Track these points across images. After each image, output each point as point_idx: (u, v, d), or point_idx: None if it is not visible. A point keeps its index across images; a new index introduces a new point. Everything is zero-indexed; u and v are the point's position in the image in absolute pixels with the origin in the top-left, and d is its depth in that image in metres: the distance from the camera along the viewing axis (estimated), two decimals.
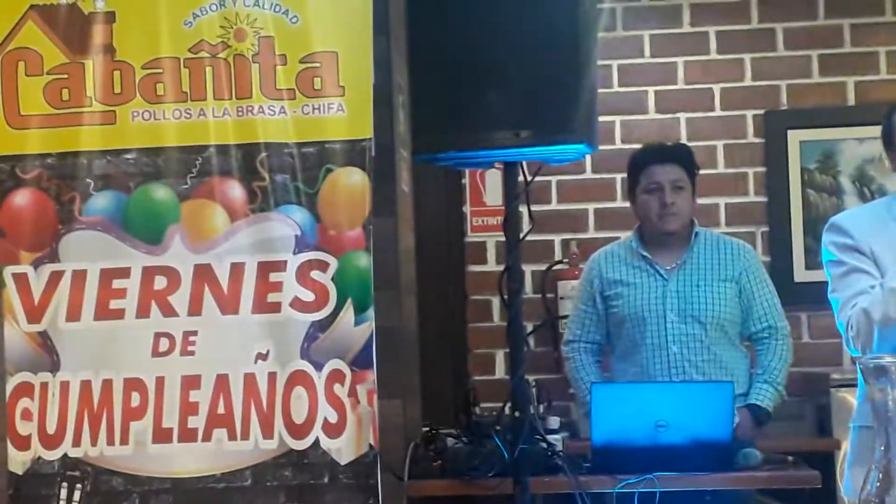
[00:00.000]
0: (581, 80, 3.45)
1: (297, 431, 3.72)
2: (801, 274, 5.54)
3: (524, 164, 3.66)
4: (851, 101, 5.61)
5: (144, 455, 3.76)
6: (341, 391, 3.72)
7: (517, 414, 3.59)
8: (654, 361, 4.42)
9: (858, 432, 3.38)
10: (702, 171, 5.52)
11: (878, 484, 1.88)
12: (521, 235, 3.65)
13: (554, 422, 4.60)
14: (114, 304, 3.80)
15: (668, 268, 4.50)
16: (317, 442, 3.72)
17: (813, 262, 5.52)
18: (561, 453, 3.86)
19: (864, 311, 3.19)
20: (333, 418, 3.72)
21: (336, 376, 3.73)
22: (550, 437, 3.91)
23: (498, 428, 3.76)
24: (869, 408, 3.23)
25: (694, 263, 4.50)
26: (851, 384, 4.95)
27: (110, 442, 3.77)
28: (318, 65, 3.77)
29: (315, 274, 3.75)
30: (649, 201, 4.49)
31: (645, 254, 4.52)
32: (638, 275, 4.51)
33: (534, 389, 4.41)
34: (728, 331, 4.48)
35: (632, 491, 3.76)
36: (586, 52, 3.46)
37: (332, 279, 3.75)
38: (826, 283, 5.25)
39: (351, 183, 3.77)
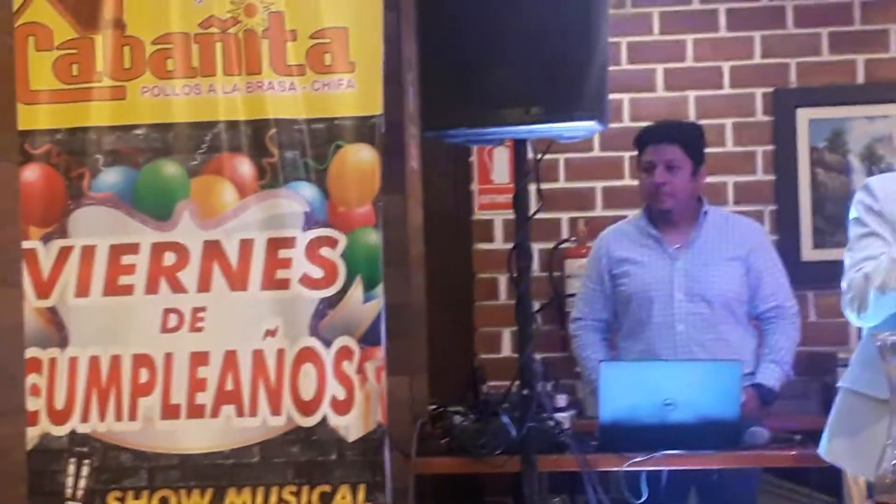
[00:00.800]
0: (592, 57, 3.44)
1: (306, 408, 3.73)
2: (808, 253, 5.53)
3: (533, 141, 3.65)
4: (861, 79, 5.58)
5: (152, 431, 3.77)
6: (350, 368, 3.73)
7: (525, 392, 3.59)
8: (661, 340, 4.42)
9: (845, 395, 3.40)
10: (710, 150, 5.52)
11: (895, 460, 1.89)
12: (531, 213, 3.64)
13: (561, 400, 4.59)
14: (123, 279, 3.80)
15: (676, 246, 4.50)
16: (325, 419, 3.73)
17: (821, 241, 5.52)
18: (568, 431, 3.87)
19: (866, 276, 3.21)
20: (342, 395, 3.72)
21: (344, 353, 3.73)
22: (558, 415, 3.92)
23: (505, 405, 3.76)
24: (864, 374, 3.26)
25: (702, 242, 4.49)
26: None
27: (118, 418, 3.78)
28: (328, 41, 3.77)
29: (324, 251, 3.75)
30: (645, 180, 4.51)
31: (653, 232, 4.52)
32: (646, 253, 4.51)
33: (541, 367, 4.42)
34: (735, 310, 4.48)
35: (639, 469, 3.77)
36: (597, 28, 3.45)
37: (342, 256, 3.75)
38: (833, 262, 5.28)
39: (360, 159, 3.77)
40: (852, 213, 3.40)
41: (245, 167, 3.80)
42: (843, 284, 3.33)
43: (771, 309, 4.51)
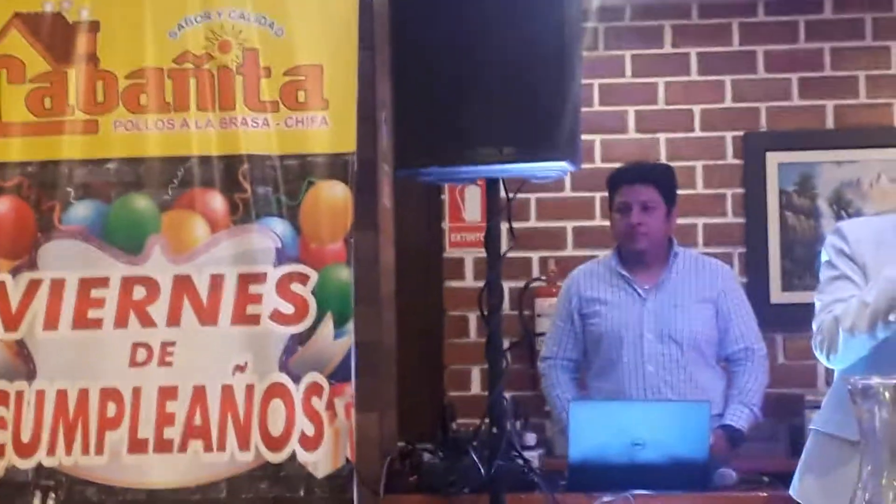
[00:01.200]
0: (565, 97, 3.46)
1: (274, 444, 3.71)
2: (777, 296, 5.56)
3: (505, 180, 3.66)
4: (830, 124, 5.64)
5: (119, 465, 3.75)
6: (319, 404, 3.72)
7: (494, 430, 3.59)
8: (631, 380, 4.43)
9: (816, 436, 3.42)
10: (680, 192, 5.55)
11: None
12: (502, 252, 3.65)
13: (530, 438, 4.60)
14: (92, 313, 3.78)
15: (647, 287, 4.51)
16: (293, 455, 3.71)
17: (790, 283, 5.56)
18: (538, 470, 3.86)
19: (835, 318, 3.23)
20: (310, 431, 3.71)
21: (314, 389, 3.73)
22: (527, 454, 3.91)
23: (475, 443, 3.75)
24: (834, 416, 3.28)
25: (672, 283, 4.51)
26: None
27: (85, 451, 3.76)
28: (302, 78, 3.78)
29: (295, 286, 3.75)
30: (619, 220, 4.52)
31: (623, 272, 4.54)
32: (616, 293, 4.53)
33: (511, 406, 4.42)
34: (704, 351, 4.50)
35: None
36: (570, 70, 3.47)
37: (313, 292, 3.75)
38: (801, 305, 5.31)
39: (333, 196, 3.77)
40: (823, 257, 3.42)
41: (217, 202, 3.80)
42: (814, 327, 3.35)
43: (740, 351, 4.53)
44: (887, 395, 1.91)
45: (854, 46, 5.64)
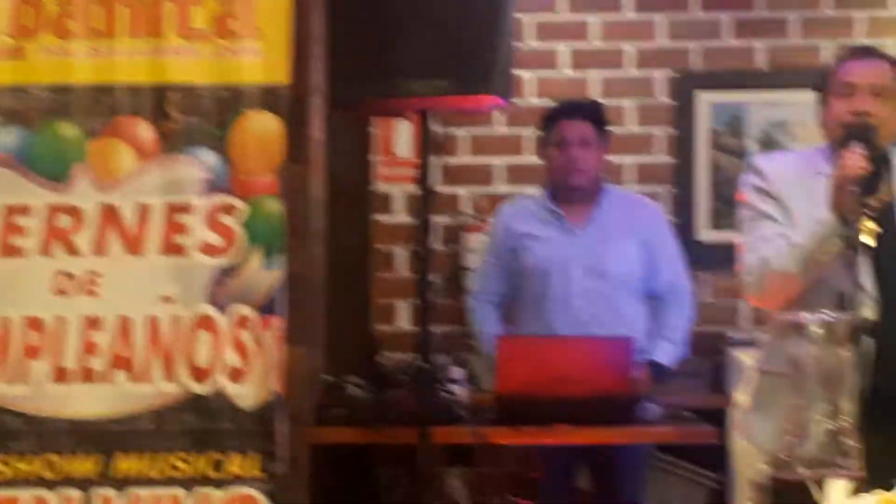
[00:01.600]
0: (498, 32, 3.45)
1: (200, 376, 3.70)
2: (704, 234, 5.60)
3: (437, 114, 3.65)
4: (762, 64, 5.65)
5: (43, 395, 3.72)
6: (247, 337, 3.71)
7: (422, 364, 3.60)
8: (558, 315, 4.45)
9: (762, 377, 3.42)
10: (610, 129, 5.58)
11: (791, 437, 1.92)
12: (434, 187, 3.64)
13: (458, 373, 4.61)
14: (15, 241, 3.74)
15: (577, 223, 4.53)
16: (220, 387, 3.70)
17: (717, 222, 5.59)
18: (464, 404, 3.88)
19: (763, 259, 3.23)
20: (238, 364, 3.70)
21: (242, 321, 3.71)
22: (454, 388, 3.93)
23: (403, 377, 3.76)
24: (777, 354, 3.29)
25: (602, 220, 4.53)
26: (747, 343, 5.05)
27: (7, 381, 3.72)
28: (234, 6, 3.72)
29: (224, 218, 3.72)
30: (557, 156, 4.52)
31: (554, 208, 4.55)
32: (546, 229, 4.54)
33: (439, 340, 4.43)
34: (632, 287, 4.52)
35: (534, 443, 3.80)
36: (503, 4, 3.46)
37: (242, 224, 3.73)
38: (728, 244, 5.35)
39: (264, 128, 3.74)
40: (741, 196, 3.42)
41: (145, 131, 3.75)
42: (741, 267, 3.36)
43: (667, 287, 4.57)
44: (817, 330, 1.94)
45: None
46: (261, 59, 3.74)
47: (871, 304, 3.16)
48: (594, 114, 4.59)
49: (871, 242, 3.23)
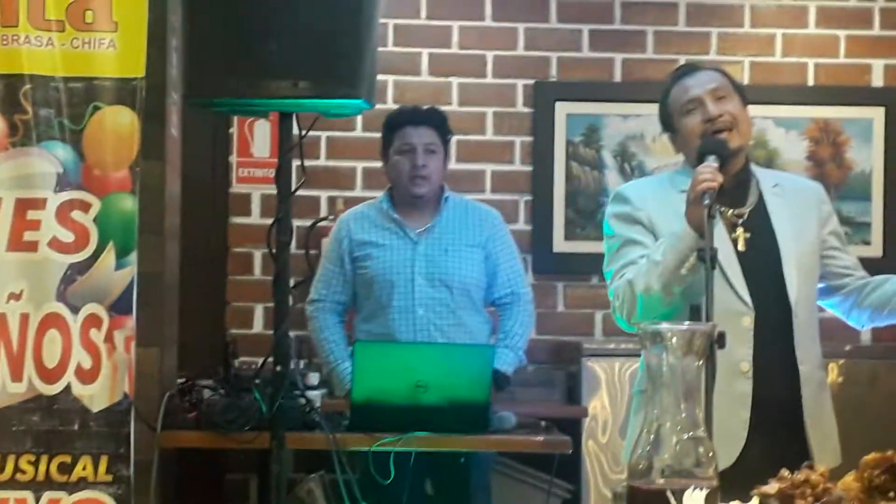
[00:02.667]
0: (362, 35, 3.41)
1: (48, 376, 3.61)
2: (560, 244, 5.64)
3: (298, 115, 3.60)
4: (618, 77, 5.73)
5: None
6: (97, 336, 3.62)
7: (278, 368, 3.55)
8: (401, 323, 4.44)
9: (639, 397, 3.44)
10: (470, 137, 5.60)
11: (649, 446, 1.93)
12: (293, 188, 3.59)
13: (314, 378, 4.57)
14: None
15: (418, 231, 4.53)
16: (68, 387, 3.62)
17: (572, 233, 5.65)
18: (319, 409, 3.84)
19: (629, 281, 3.24)
20: (87, 364, 3.61)
21: (93, 321, 3.63)
22: (310, 394, 3.88)
23: (257, 382, 3.71)
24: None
25: (443, 228, 4.54)
26: (602, 354, 5.12)
27: None
28: None
29: (76, 214, 3.64)
30: (402, 162, 4.52)
31: (395, 216, 4.54)
32: (388, 237, 4.53)
33: (295, 345, 4.38)
34: (473, 296, 4.54)
35: (388, 450, 3.77)
36: (369, 6, 3.43)
37: (94, 220, 3.64)
38: (582, 254, 5.43)
39: (119, 122, 3.66)
40: (605, 230, 3.43)
41: None
42: (610, 294, 3.36)
43: (507, 295, 4.59)
44: (675, 340, 1.95)
45: (643, 1, 5.74)
46: (117, 52, 3.66)
47: (746, 310, 3.21)
48: (438, 121, 4.60)
49: (742, 248, 3.30)
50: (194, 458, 4.49)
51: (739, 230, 3.32)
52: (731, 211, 3.30)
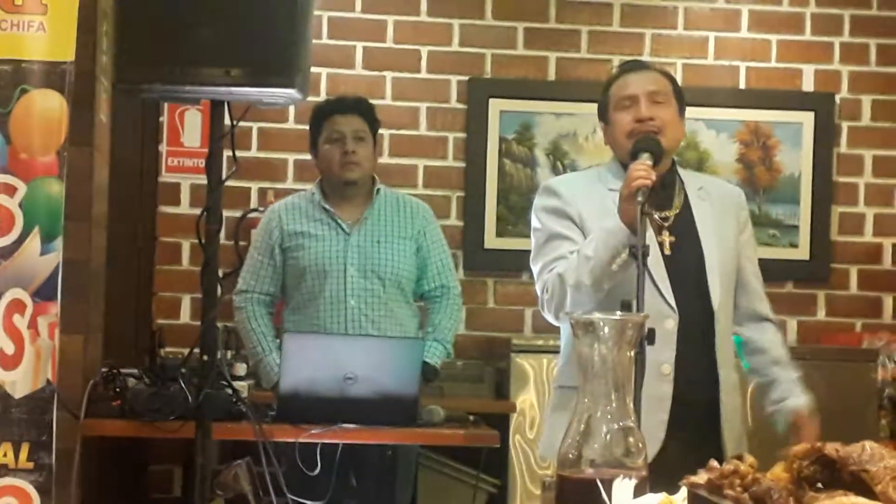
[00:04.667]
0: (299, 24, 3.39)
1: None
2: (491, 241, 5.65)
3: (230, 105, 3.57)
4: (552, 75, 5.74)
5: None
6: (21, 322, 3.55)
7: (204, 358, 3.51)
8: (331, 314, 4.42)
9: (559, 392, 3.45)
10: (404, 132, 5.59)
11: (579, 437, 1.93)
12: (223, 178, 3.56)
13: (241, 369, 4.54)
14: None
15: (350, 222, 4.52)
16: None
17: (503, 230, 5.65)
18: (246, 400, 3.81)
19: (559, 275, 3.25)
20: (10, 350, 3.55)
21: (16, 306, 3.56)
22: (237, 384, 3.85)
23: (184, 371, 3.67)
24: (570, 369, 3.32)
25: (375, 219, 4.53)
26: (530, 350, 5.14)
27: None
28: None
29: (1, 198, 3.57)
30: (331, 151, 4.51)
31: (327, 206, 4.52)
32: (320, 227, 4.51)
33: (222, 335, 4.34)
34: (404, 288, 4.54)
35: (315, 441, 3.75)
36: None
37: (20, 205, 3.57)
38: (513, 251, 5.43)
39: (47, 106, 3.60)
40: (533, 223, 3.43)
41: None
42: (538, 288, 3.36)
43: (436, 288, 4.60)
44: (607, 329, 1.95)
45: (578, 0, 5.75)
46: (46, 35, 3.59)
47: (671, 313, 3.22)
48: (365, 109, 4.60)
49: (668, 252, 3.31)
50: (118, 448, 4.44)
51: (665, 233, 3.34)
52: (657, 214, 3.31)
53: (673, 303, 3.25)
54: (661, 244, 3.31)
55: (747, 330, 3.45)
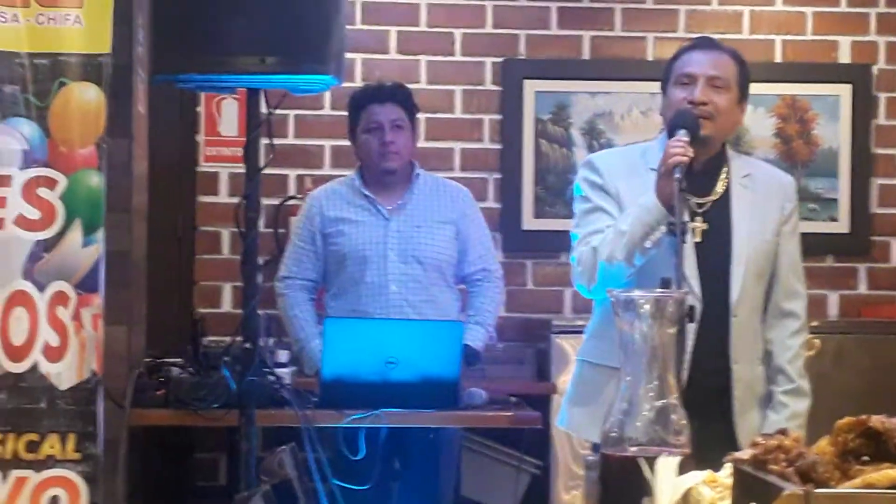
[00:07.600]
0: (331, 10, 3.41)
1: (15, 354, 3.57)
2: (529, 222, 5.64)
3: (266, 93, 3.59)
4: (587, 54, 5.72)
5: None
6: (64, 314, 3.58)
7: (246, 345, 3.54)
8: (373, 300, 4.44)
9: (582, 366, 3.46)
10: (439, 116, 5.59)
11: (621, 416, 1.93)
12: (261, 166, 3.58)
13: (283, 356, 4.56)
14: None
15: (390, 208, 4.53)
16: (35, 365, 3.57)
17: (541, 210, 5.64)
18: (289, 387, 3.83)
19: (593, 249, 3.27)
20: (55, 342, 3.58)
21: (60, 298, 3.59)
22: (279, 371, 3.87)
23: (226, 359, 3.69)
24: (599, 344, 3.33)
25: (414, 204, 4.54)
26: (570, 331, 5.12)
27: None
28: None
29: (42, 191, 3.60)
30: (370, 140, 4.52)
31: (367, 193, 4.54)
32: (360, 213, 4.53)
33: (264, 322, 4.37)
34: (445, 272, 4.55)
35: (358, 426, 3.77)
36: None
37: (61, 197, 3.60)
38: (552, 232, 5.42)
39: (85, 99, 3.62)
40: (576, 191, 3.45)
41: None
42: (573, 259, 3.37)
43: (478, 272, 4.61)
44: (647, 307, 1.95)
45: None
46: (83, 28, 3.61)
47: (694, 301, 3.21)
48: (403, 97, 4.60)
49: (698, 239, 3.30)
50: (163, 437, 4.48)
51: (698, 220, 3.33)
52: (693, 199, 3.30)
53: (698, 290, 3.24)
54: (692, 231, 3.30)
55: (767, 326, 3.41)
